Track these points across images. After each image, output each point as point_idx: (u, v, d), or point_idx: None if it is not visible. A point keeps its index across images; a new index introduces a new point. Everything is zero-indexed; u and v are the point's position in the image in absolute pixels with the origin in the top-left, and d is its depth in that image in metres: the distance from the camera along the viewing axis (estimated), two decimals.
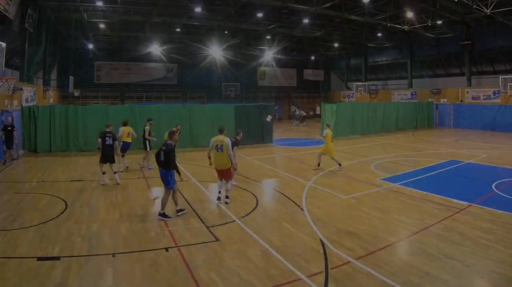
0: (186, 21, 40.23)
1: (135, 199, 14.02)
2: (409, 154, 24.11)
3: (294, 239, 10.10)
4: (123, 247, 9.48)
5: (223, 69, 53.61)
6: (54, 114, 24.23)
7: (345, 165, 20.13)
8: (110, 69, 52.23)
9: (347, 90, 60.81)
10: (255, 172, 18.92)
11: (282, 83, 61.75)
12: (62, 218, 11.59)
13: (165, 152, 11.69)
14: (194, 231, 10.67)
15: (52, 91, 40.06)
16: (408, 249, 9.57)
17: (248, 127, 27.36)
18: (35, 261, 8.57)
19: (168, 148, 11.79)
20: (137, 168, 19.74)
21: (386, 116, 37.98)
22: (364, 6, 34.18)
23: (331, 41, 51.79)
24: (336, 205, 13.27)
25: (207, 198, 14.31)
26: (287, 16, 39.31)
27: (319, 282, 7.73)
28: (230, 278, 7.99)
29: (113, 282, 7.76)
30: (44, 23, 33.98)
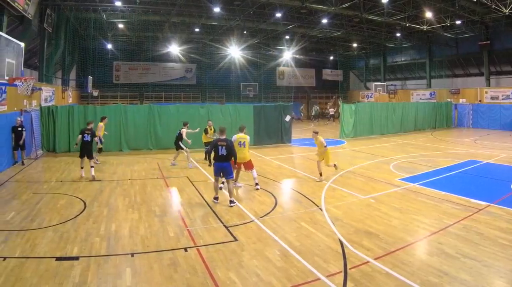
0: (205, 21, 40.61)
1: (154, 199, 14.00)
2: (427, 154, 24.03)
3: (312, 239, 10.03)
4: (142, 247, 9.47)
5: (242, 69, 53.93)
6: (73, 114, 24.29)
7: (364, 164, 20.30)
8: (129, 69, 52.66)
9: (366, 90, 60.74)
10: (273, 171, 18.96)
11: (301, 83, 61.72)
12: (80, 218, 11.62)
13: (227, 146, 13.16)
14: (213, 231, 10.64)
15: (71, 91, 40.23)
16: (426, 249, 9.46)
17: (267, 127, 27.56)
18: (54, 261, 8.58)
19: (228, 142, 13.31)
20: (156, 167, 19.88)
21: (405, 116, 37.89)
22: (383, 6, 34.14)
23: (350, 41, 51.89)
24: (355, 205, 13.16)
25: (226, 198, 14.11)
26: (306, 16, 39.35)
27: (338, 282, 7.68)
28: (249, 278, 7.95)
29: (132, 282, 7.75)
30: (62, 23, 34.23)
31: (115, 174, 18.38)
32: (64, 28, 35.12)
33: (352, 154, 24.84)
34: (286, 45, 50.23)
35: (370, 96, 58.31)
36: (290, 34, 47.48)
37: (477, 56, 43.84)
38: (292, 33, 46.24)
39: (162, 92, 53.93)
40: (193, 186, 16.02)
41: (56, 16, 32.33)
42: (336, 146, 28.20)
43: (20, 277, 7.77)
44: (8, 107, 19.89)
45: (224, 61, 52.33)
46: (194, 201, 13.75)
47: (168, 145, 25.07)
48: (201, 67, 56.04)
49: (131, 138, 25.19)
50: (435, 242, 9.76)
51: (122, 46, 50.41)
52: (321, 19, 38.11)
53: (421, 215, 11.94)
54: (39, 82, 28.19)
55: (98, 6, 33.92)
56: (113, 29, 44.02)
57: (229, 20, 40.10)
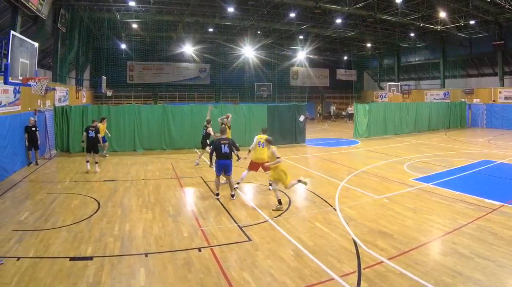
0: (219, 21, 40.71)
1: (167, 199, 14.04)
2: (441, 154, 23.91)
3: (326, 239, 10.05)
4: (156, 247, 9.51)
5: (256, 69, 53.99)
6: (87, 114, 24.25)
7: (378, 164, 20.30)
8: (143, 69, 52.82)
9: (380, 90, 60.50)
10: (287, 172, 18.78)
11: (315, 83, 61.50)
12: (94, 218, 11.69)
13: (229, 144, 13.99)
14: (227, 231, 10.67)
15: (84, 91, 40.39)
16: (440, 249, 9.46)
17: (281, 127, 27.47)
18: (68, 261, 8.64)
19: (230, 141, 14.20)
20: (170, 167, 19.87)
21: (419, 117, 37.74)
22: (397, 6, 34.10)
23: (364, 41, 51.82)
24: (369, 205, 13.19)
25: (240, 198, 14.32)
26: (320, 16, 39.31)
27: (352, 282, 7.70)
28: (263, 278, 7.99)
29: (146, 282, 7.80)
30: (76, 23, 34.40)
31: (129, 174, 18.43)
32: (78, 28, 35.29)
33: (366, 154, 24.78)
34: (300, 45, 50.18)
35: (384, 96, 58.03)
36: (304, 34, 47.44)
37: (491, 56, 43.59)
38: (306, 33, 46.22)
39: (176, 92, 54.15)
40: (207, 185, 16.01)
41: (70, 16, 32.46)
42: (350, 146, 28.25)
43: (34, 277, 7.81)
44: (22, 107, 19.96)
45: (238, 61, 52.46)
46: (208, 201, 13.76)
47: (182, 145, 25.49)
48: (215, 67, 56.15)
49: (145, 139, 25.18)
50: (449, 242, 9.75)
51: (136, 46, 50.66)
52: (335, 19, 38.06)
53: (435, 215, 11.92)
54: (53, 82, 28.33)
55: (112, 6, 34.05)
56: (127, 29, 44.26)
57: (243, 20, 40.15)
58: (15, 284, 7.56)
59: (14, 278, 7.73)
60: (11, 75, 12.68)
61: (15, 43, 12.98)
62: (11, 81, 12.91)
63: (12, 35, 12.80)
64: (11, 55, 12.63)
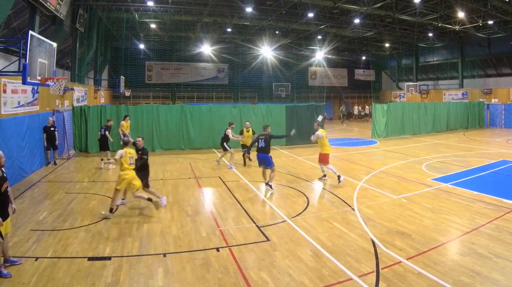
0: (237, 21, 40.73)
1: (186, 199, 14.10)
2: (460, 154, 23.79)
3: (345, 239, 10.03)
4: (174, 247, 9.55)
5: (274, 69, 53.90)
6: (105, 114, 24.39)
7: (396, 164, 20.28)
8: (161, 69, 52.96)
9: (398, 90, 60.27)
10: (306, 171, 18.89)
11: (333, 83, 61.30)
12: (113, 218, 11.76)
13: (265, 139, 15.20)
14: (245, 231, 10.70)
15: (103, 91, 40.56)
16: (458, 249, 9.40)
17: (299, 127, 27.23)
18: (86, 261, 8.71)
19: (267, 136, 15.34)
20: (188, 167, 19.91)
21: (437, 117, 37.61)
22: (415, 6, 34.03)
23: (382, 41, 51.72)
24: (387, 205, 13.14)
25: (258, 198, 14.38)
26: (338, 16, 39.28)
27: (370, 282, 7.70)
28: (281, 278, 7.97)
29: (164, 282, 7.82)
30: (95, 23, 34.59)
31: None
32: (96, 28, 35.47)
33: (384, 153, 24.76)
34: (318, 45, 50.10)
35: (402, 96, 57.85)
36: (322, 34, 47.44)
37: (509, 56, 43.41)
38: (324, 33, 46.22)
39: (194, 92, 54.26)
40: (225, 186, 16.06)
41: (88, 16, 32.63)
42: (368, 146, 28.24)
43: (52, 277, 7.87)
44: (41, 108, 20.06)
45: (256, 61, 52.45)
46: (226, 201, 13.80)
47: (200, 145, 25.61)
48: (233, 67, 56.33)
49: (163, 138, 25.27)
50: (467, 242, 9.71)
51: (154, 46, 50.78)
52: (353, 19, 37.98)
53: (453, 215, 11.89)
54: (71, 82, 28.42)
55: (130, 6, 34.26)
56: (145, 29, 44.44)
57: (261, 20, 40.19)
58: (33, 284, 7.61)
59: (33, 278, 7.79)
60: (29, 75, 12.72)
61: (34, 43, 13.03)
62: (29, 81, 12.96)
63: (31, 35, 12.83)
64: (30, 55, 12.68)
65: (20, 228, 10.61)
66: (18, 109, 17.23)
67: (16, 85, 16.53)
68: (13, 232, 9.49)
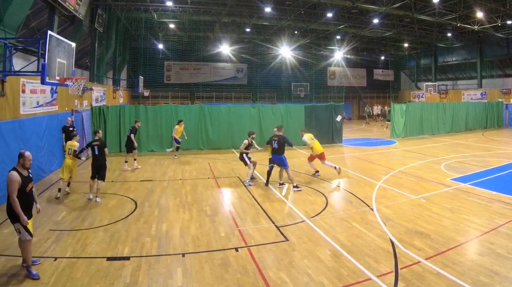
0: (256, 21, 40.70)
1: (205, 199, 14.13)
2: (478, 154, 23.63)
3: (363, 239, 10.04)
4: (193, 247, 9.58)
5: (293, 69, 53.85)
6: (124, 114, 24.52)
7: (415, 164, 20.27)
8: (180, 69, 53.05)
9: (417, 90, 59.94)
10: (324, 171, 18.58)
11: (352, 83, 60.98)
12: (131, 218, 11.85)
13: (279, 141, 15.40)
14: (264, 231, 10.72)
15: (122, 91, 40.70)
16: (477, 249, 9.37)
17: (318, 127, 27.25)
18: (105, 261, 8.76)
19: (280, 137, 15.57)
20: (207, 167, 19.96)
21: (456, 117, 37.38)
22: (434, 6, 33.93)
23: (401, 41, 51.58)
24: (406, 205, 13.11)
25: (277, 197, 14.38)
26: (357, 16, 39.29)
27: (389, 282, 7.69)
28: (300, 278, 7.97)
29: (183, 282, 7.84)
30: (113, 23, 34.81)
31: (166, 174, 18.62)
32: (115, 28, 35.70)
33: (403, 153, 24.66)
34: (337, 45, 50.02)
35: (421, 96, 57.53)
36: (341, 34, 47.42)
37: None
38: (343, 33, 46.20)
39: (213, 92, 54.18)
40: (244, 186, 16.12)
41: (107, 16, 32.79)
42: (387, 146, 28.15)
43: (71, 277, 7.92)
44: (59, 108, 20.12)
45: (275, 61, 52.37)
46: (245, 201, 13.85)
47: (219, 145, 25.70)
48: (252, 67, 56.09)
49: (182, 139, 24.56)
50: (486, 242, 9.66)
51: (173, 46, 50.66)
52: (372, 19, 37.91)
53: (472, 215, 11.84)
54: (90, 82, 28.56)
55: (149, 6, 34.42)
56: (164, 29, 44.60)
57: (280, 20, 40.12)
58: (52, 284, 7.66)
59: (51, 278, 7.84)
60: (48, 75, 12.73)
61: (52, 43, 13.06)
62: (48, 81, 12.98)
63: (49, 35, 12.83)
64: (49, 55, 12.70)
65: (39, 228, 10.63)
66: (37, 109, 17.30)
67: (35, 85, 16.63)
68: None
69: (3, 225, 10.87)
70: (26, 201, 8.02)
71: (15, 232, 8.03)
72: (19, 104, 15.45)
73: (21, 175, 7.99)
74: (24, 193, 7.99)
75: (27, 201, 8.11)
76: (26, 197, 8.05)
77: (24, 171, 8.13)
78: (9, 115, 14.43)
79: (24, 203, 7.92)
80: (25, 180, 8.03)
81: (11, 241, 9.65)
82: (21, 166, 8.11)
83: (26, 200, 8.05)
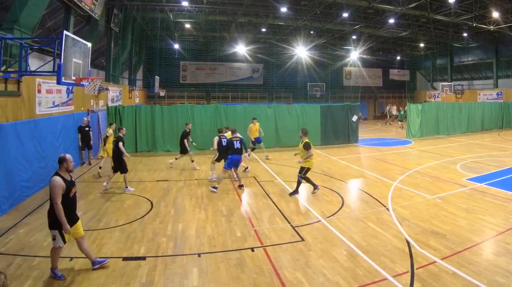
0: (272, 21, 40.89)
1: (220, 199, 14.09)
2: (494, 154, 23.56)
3: (379, 239, 10.05)
4: (209, 247, 9.59)
5: (309, 69, 53.79)
6: (140, 114, 24.52)
7: (431, 164, 20.21)
8: (196, 69, 53.31)
9: (433, 90, 59.57)
10: (340, 171, 18.93)
11: (368, 83, 60.93)
12: (147, 218, 11.88)
13: (241, 141, 15.30)
14: (280, 231, 10.71)
15: (138, 91, 40.77)
16: (493, 249, 9.38)
17: (334, 127, 27.48)
18: (121, 261, 8.82)
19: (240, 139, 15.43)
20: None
21: (472, 117, 37.18)
22: (449, 6, 33.81)
23: (417, 41, 51.38)
24: (422, 205, 13.08)
25: (292, 197, 14.30)
26: (373, 16, 39.29)
27: (405, 282, 7.70)
28: (316, 278, 8.00)
29: (199, 282, 7.87)
30: (129, 23, 34.96)
31: (182, 173, 18.65)
32: (131, 28, 35.84)
33: (419, 153, 24.63)
34: (352, 45, 49.97)
35: (437, 96, 57.12)
36: (357, 34, 47.28)
37: None
38: (359, 33, 46.11)
39: (229, 92, 54.55)
40: (259, 185, 16.12)
41: (123, 16, 32.95)
42: (403, 145, 28.07)
43: (87, 277, 7.99)
44: (75, 107, 20.17)
45: (291, 61, 52.22)
46: (261, 201, 13.86)
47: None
48: (268, 67, 56.36)
49: (198, 138, 24.78)
50: (502, 242, 9.68)
51: (189, 46, 50.89)
52: (388, 19, 37.88)
53: (488, 215, 11.84)
54: (106, 82, 28.70)
55: (165, 6, 34.45)
56: (180, 29, 44.82)
57: (295, 20, 40.17)
58: (68, 283, 7.75)
59: (67, 278, 7.88)
60: (64, 75, 12.76)
61: (68, 43, 13.09)
62: (64, 81, 13.01)
63: (65, 35, 12.83)
64: (64, 55, 12.70)
65: None
66: (53, 109, 17.36)
67: (51, 85, 16.70)
68: (47, 232, 9.58)
69: (19, 225, 11.00)
70: (69, 206, 7.94)
71: (30, 232, 8.08)
72: (35, 104, 15.53)
73: (65, 179, 7.89)
74: (68, 198, 7.90)
75: (71, 206, 8.05)
76: (69, 202, 7.98)
77: (67, 175, 8.07)
78: (25, 115, 14.50)
79: (67, 209, 7.83)
80: (69, 184, 7.95)
81: (26, 241, 9.78)
82: (64, 170, 8.05)
83: (70, 205, 7.98)
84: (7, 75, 13.11)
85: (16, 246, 9.53)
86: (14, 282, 7.71)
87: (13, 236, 10.17)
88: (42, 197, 13.95)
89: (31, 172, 14.33)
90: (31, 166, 14.36)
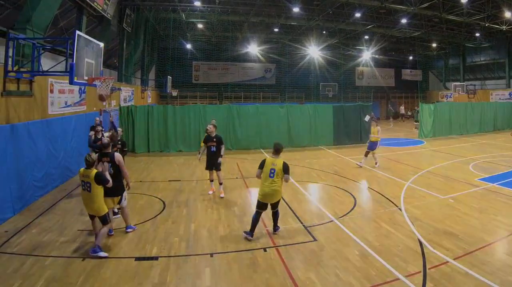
0: (284, 21, 40.96)
1: (233, 199, 14.11)
2: (507, 154, 23.37)
3: (392, 239, 10.04)
4: (221, 247, 9.60)
5: (321, 69, 53.54)
6: (152, 114, 24.59)
7: (443, 164, 20.11)
8: (208, 69, 53.04)
9: (445, 90, 59.07)
10: (353, 171, 18.93)
11: (380, 83, 60.58)
12: (160, 218, 11.86)
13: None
14: (292, 231, 10.70)
15: (150, 91, 40.75)
16: (506, 249, 9.41)
17: (346, 127, 27.49)
18: (133, 261, 8.82)
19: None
20: (236, 167, 19.91)
21: (484, 117, 37.08)
22: (462, 6, 33.72)
23: (429, 41, 51.17)
24: (434, 205, 13.05)
25: (305, 198, 14.43)
26: (385, 16, 39.15)
27: (417, 282, 7.67)
28: (328, 278, 8.00)
29: (211, 282, 7.89)
30: (142, 23, 35.07)
31: (194, 174, 18.58)
32: (143, 28, 35.96)
33: (432, 153, 24.60)
34: (365, 45, 49.89)
35: (449, 96, 56.40)
36: (369, 34, 47.21)
37: None
38: (371, 33, 45.97)
39: (241, 92, 54.46)
40: None
41: (135, 16, 33.02)
42: (416, 146, 27.96)
43: (100, 277, 7.99)
44: (87, 107, 20.19)
45: (303, 61, 52.05)
46: None
47: (247, 145, 25.57)
48: (280, 67, 55.77)
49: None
50: None
51: (201, 46, 50.93)
52: (400, 19, 37.80)
53: (500, 215, 11.79)
54: (118, 82, 28.82)
55: (177, 6, 34.51)
56: (192, 29, 44.80)
57: (308, 20, 40.18)
58: (80, 283, 7.72)
59: (80, 278, 7.88)
60: (76, 75, 12.78)
61: (81, 43, 13.09)
62: (76, 81, 13.03)
63: (78, 35, 12.87)
64: (77, 55, 12.71)
65: (67, 228, 10.75)
66: (65, 109, 17.40)
67: (63, 85, 16.75)
68: (60, 232, 9.62)
69: (32, 225, 11.03)
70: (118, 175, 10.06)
71: (43, 232, 8.15)
72: (47, 104, 15.59)
73: None
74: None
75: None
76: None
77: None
78: (37, 116, 14.56)
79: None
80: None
81: (39, 241, 9.80)
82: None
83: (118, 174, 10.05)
84: (19, 75, 13.17)
85: (29, 246, 9.53)
86: (26, 282, 7.72)
87: (26, 236, 10.17)
88: (54, 197, 14.10)
89: (43, 172, 14.35)
90: (43, 166, 14.38)
